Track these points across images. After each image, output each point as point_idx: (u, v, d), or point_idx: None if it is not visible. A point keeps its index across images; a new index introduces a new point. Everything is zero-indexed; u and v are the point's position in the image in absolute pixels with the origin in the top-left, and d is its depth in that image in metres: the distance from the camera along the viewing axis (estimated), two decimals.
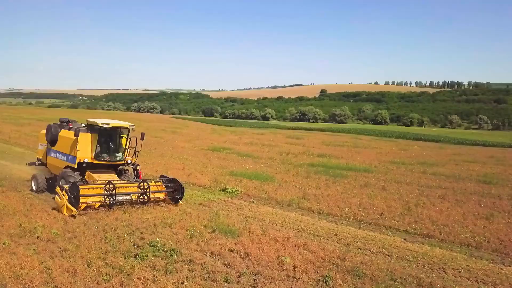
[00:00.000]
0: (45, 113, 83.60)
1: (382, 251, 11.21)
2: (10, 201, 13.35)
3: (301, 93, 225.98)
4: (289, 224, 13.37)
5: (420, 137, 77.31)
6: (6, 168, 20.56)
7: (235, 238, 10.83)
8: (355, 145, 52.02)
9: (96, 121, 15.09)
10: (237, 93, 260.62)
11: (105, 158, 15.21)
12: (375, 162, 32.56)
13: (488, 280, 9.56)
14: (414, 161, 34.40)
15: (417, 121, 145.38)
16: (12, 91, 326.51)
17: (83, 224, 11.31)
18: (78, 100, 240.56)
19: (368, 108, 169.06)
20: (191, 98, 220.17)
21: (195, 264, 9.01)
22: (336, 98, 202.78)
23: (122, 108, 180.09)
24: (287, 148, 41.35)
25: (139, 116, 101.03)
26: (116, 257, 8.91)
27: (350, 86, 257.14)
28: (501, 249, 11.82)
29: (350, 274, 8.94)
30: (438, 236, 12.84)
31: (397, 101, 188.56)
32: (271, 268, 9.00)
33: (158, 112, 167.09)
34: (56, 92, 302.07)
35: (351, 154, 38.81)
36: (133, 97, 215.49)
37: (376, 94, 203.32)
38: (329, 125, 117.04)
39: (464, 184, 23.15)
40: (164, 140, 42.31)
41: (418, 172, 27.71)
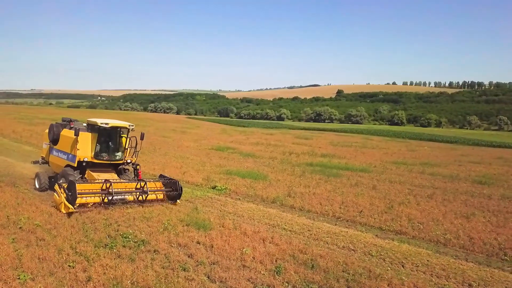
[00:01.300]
0: (61, 113, 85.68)
1: (348, 246, 11.61)
2: (4, 195, 14.17)
3: (317, 93, 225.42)
4: (266, 220, 13.85)
5: (434, 138, 76.50)
6: (11, 165, 21.57)
7: (206, 232, 11.38)
8: (364, 145, 52.00)
9: (96, 120, 15.29)
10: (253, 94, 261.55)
11: (105, 157, 15.40)
12: (377, 162, 32.67)
13: (443, 274, 9.88)
14: (417, 162, 34.35)
15: (434, 122, 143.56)
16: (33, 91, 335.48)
17: (66, 217, 12.01)
18: (97, 101, 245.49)
19: (384, 109, 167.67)
20: (207, 98, 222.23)
21: (159, 254, 9.61)
22: (352, 98, 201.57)
23: (139, 109, 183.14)
24: (292, 148, 41.71)
25: (153, 116, 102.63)
26: (86, 246, 9.56)
27: (367, 87, 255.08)
28: (468, 246, 12.06)
29: (304, 265, 9.39)
30: (410, 233, 13.14)
31: (415, 101, 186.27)
32: (230, 258, 9.53)
33: (175, 113, 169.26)
34: (75, 93, 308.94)
35: (356, 155, 38.94)
36: (150, 98, 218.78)
37: (393, 94, 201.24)
38: (342, 126, 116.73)
39: (458, 184, 23.20)
40: (171, 139, 43.21)
41: (416, 172, 27.78)
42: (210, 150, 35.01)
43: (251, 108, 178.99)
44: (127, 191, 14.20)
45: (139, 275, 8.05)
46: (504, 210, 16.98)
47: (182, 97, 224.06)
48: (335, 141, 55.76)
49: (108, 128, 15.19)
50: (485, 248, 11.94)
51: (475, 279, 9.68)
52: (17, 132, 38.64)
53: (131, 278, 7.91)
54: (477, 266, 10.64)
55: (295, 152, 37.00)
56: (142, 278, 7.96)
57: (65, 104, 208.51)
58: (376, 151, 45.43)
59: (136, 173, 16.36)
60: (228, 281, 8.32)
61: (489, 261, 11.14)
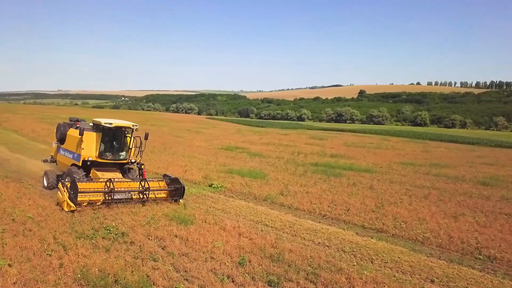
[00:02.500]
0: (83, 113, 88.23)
1: (324, 242, 11.94)
2: (7, 190, 15.05)
3: (339, 93, 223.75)
4: (251, 216, 14.29)
5: (455, 139, 74.92)
6: (22, 162, 22.70)
7: (186, 226, 11.90)
8: (378, 146, 51.66)
9: (100, 120, 15.58)
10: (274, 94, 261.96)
11: (109, 157, 15.61)
12: (385, 163, 32.54)
13: (409, 270, 10.11)
14: (427, 163, 34.01)
15: (459, 122, 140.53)
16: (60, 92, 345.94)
17: (58, 211, 12.76)
18: (121, 101, 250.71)
19: (407, 109, 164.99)
20: (228, 99, 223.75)
21: (134, 245, 10.20)
22: (374, 99, 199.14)
23: (161, 109, 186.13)
24: (303, 148, 41.91)
25: (172, 117, 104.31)
26: (67, 237, 10.24)
27: (390, 87, 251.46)
28: (445, 245, 12.19)
29: (270, 258, 9.80)
30: (391, 231, 13.34)
31: (439, 102, 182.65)
32: (200, 251, 10.03)
33: (196, 113, 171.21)
34: (100, 93, 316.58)
35: (366, 155, 38.79)
36: (172, 98, 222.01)
37: (416, 94, 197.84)
38: (362, 126, 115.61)
39: (460, 185, 23.02)
40: (184, 139, 44.09)
41: (421, 173, 27.63)
42: (219, 150, 35.62)
43: (271, 108, 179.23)
44: (129, 190, 14.32)
45: (108, 264, 8.63)
46: (497, 211, 16.88)
47: (203, 98, 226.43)
48: (350, 142, 55.54)
49: (112, 128, 15.42)
50: (462, 247, 12.05)
51: (440, 275, 9.87)
52: (35, 131, 40.25)
53: (100, 266, 8.49)
54: (447, 264, 10.80)
55: (304, 152, 37.22)
56: (110, 266, 8.53)
57: (90, 104, 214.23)
58: (390, 151, 45.12)
59: (141, 172, 16.65)
60: (191, 271, 8.82)
61: (461, 259, 11.27)
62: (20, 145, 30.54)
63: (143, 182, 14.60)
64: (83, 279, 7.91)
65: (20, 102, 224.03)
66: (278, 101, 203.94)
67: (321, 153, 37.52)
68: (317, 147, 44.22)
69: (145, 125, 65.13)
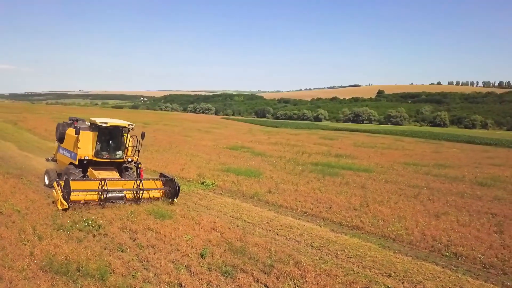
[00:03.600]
0: (100, 113, 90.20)
1: (295, 238, 12.29)
2: (4, 185, 15.87)
3: (357, 93, 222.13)
4: (232, 213, 14.74)
5: (473, 140, 73.60)
6: (28, 159, 23.71)
7: (163, 220, 12.42)
8: (389, 146, 51.32)
9: (96, 120, 15.85)
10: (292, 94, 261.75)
11: (105, 156, 15.79)
12: (388, 163, 32.46)
13: (369, 265, 10.39)
14: (432, 163, 33.73)
15: (480, 123, 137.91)
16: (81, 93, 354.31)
17: (46, 205, 13.44)
18: (139, 101, 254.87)
19: (426, 110, 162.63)
20: (245, 99, 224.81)
21: (107, 237, 10.78)
22: (393, 99, 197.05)
23: (179, 109, 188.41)
24: (310, 148, 42.06)
25: (187, 117, 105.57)
26: (46, 229, 10.88)
27: (409, 87, 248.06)
28: (415, 242, 12.38)
29: (233, 251, 10.22)
30: (366, 228, 13.56)
31: (460, 102, 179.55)
32: (167, 243, 10.54)
33: (213, 113, 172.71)
34: (120, 94, 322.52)
35: (373, 155, 38.65)
36: (190, 98, 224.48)
37: (436, 94, 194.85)
38: (379, 127, 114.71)
39: (456, 185, 22.93)
40: (192, 138, 44.83)
41: (421, 173, 27.54)
42: (223, 149, 36.15)
43: (288, 108, 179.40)
44: (122, 190, 14.46)
45: (76, 253, 9.20)
46: (483, 211, 16.87)
47: (220, 98, 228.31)
48: (360, 142, 55.31)
49: (108, 127, 15.64)
50: (432, 244, 12.22)
51: (399, 270, 10.12)
52: (48, 130, 41.53)
53: (67, 255, 9.06)
54: (411, 260, 11.02)
55: (308, 152, 37.40)
56: (77, 255, 9.10)
57: (109, 104, 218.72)
58: (398, 152, 44.80)
59: (138, 171, 16.83)
60: (152, 261, 9.33)
61: (428, 256, 11.46)
62: (30, 143, 31.75)
63: (137, 182, 14.69)
64: (48, 266, 8.50)
65: (43, 102, 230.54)
66: (295, 101, 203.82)
67: (326, 153, 37.61)
68: (324, 147, 44.29)
69: (158, 124, 66.43)
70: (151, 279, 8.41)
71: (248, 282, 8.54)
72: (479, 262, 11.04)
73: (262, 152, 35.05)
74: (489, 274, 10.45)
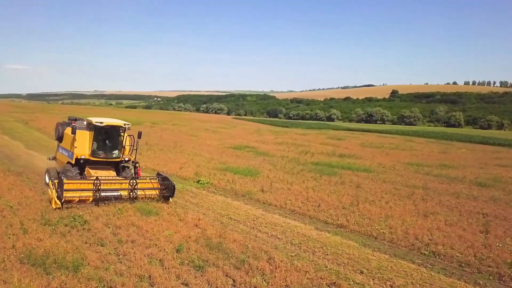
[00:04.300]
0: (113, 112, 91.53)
1: (277, 235, 12.51)
2: (4, 182, 16.44)
3: (371, 93, 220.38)
4: (220, 210, 15.01)
5: (486, 141, 72.55)
6: (32, 157, 24.38)
7: (148, 217, 12.75)
8: (397, 147, 50.97)
9: (91, 119, 16.16)
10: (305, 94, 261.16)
11: (101, 155, 15.96)
12: (391, 163, 32.33)
13: (344, 262, 10.57)
14: (436, 164, 33.46)
15: (496, 124, 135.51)
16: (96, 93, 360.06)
17: (39, 201, 13.90)
18: (153, 101, 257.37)
19: (441, 110, 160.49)
20: (257, 99, 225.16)
21: (90, 232, 11.16)
22: (407, 99, 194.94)
23: (191, 109, 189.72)
24: (315, 148, 42.07)
25: (198, 116, 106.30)
26: (33, 223, 11.31)
27: (424, 87, 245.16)
28: (396, 241, 12.48)
29: (209, 247, 10.50)
30: (350, 227, 13.68)
31: (475, 102, 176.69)
32: (148, 238, 10.86)
33: (225, 113, 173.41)
34: (134, 94, 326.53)
35: (378, 155, 38.45)
36: (203, 99, 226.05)
37: (451, 94, 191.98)
38: (391, 127, 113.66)
39: (454, 186, 22.81)
40: (197, 138, 45.25)
41: (422, 173, 27.42)
42: (227, 149, 36.46)
43: (300, 108, 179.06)
44: (117, 189, 14.54)
45: (55, 247, 9.58)
46: (475, 211, 16.82)
47: (233, 98, 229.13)
48: (368, 142, 55.03)
49: (104, 127, 15.82)
50: (413, 242, 12.30)
51: (372, 268, 10.26)
52: None
53: (47, 248, 9.44)
54: (387, 258, 11.13)
55: (312, 152, 37.44)
56: (56, 248, 9.47)
57: (123, 104, 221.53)
58: (405, 152, 44.47)
59: (135, 171, 17.01)
60: (128, 255, 9.66)
61: (406, 254, 11.56)
62: (38, 142, 32.51)
63: (132, 181, 14.78)
64: (26, 259, 8.89)
65: (59, 102, 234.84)
66: (307, 101, 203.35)
67: (331, 153, 37.58)
68: (330, 147, 44.24)
69: (167, 124, 67.13)
70: (123, 271, 8.72)
71: (216, 276, 8.78)
72: (456, 260, 11.10)
73: (265, 151, 35.25)
74: (464, 272, 10.51)
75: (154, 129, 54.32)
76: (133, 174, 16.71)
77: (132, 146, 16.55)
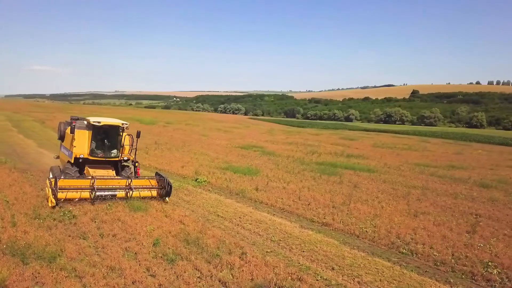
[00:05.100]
0: (131, 112, 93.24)
1: (259, 232, 12.77)
2: (7, 178, 17.19)
3: (390, 93, 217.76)
4: (210, 208, 15.35)
5: (507, 142, 70.91)
6: (41, 155, 25.25)
7: (135, 212, 13.17)
8: (409, 147, 50.45)
9: (89, 119, 16.45)
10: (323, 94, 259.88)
11: (99, 154, 16.11)
12: (399, 163, 32.14)
13: (318, 258, 10.78)
14: (443, 165, 33.09)
15: None
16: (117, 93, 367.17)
17: (35, 197, 14.51)
18: (172, 101, 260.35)
19: (463, 110, 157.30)
20: (275, 99, 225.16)
21: (76, 225, 11.64)
22: (427, 99, 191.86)
23: (209, 109, 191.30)
24: (325, 148, 42.05)
25: (213, 116, 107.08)
26: (23, 217, 11.85)
27: (446, 87, 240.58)
28: (377, 239, 12.57)
29: (186, 241, 10.83)
30: (335, 225, 13.82)
31: (499, 102, 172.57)
32: (129, 233, 11.27)
33: (243, 113, 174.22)
34: (154, 94, 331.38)
35: (387, 156, 38.17)
36: (221, 99, 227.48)
37: (474, 94, 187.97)
38: (408, 127, 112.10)
39: (456, 186, 22.60)
40: (208, 138, 45.80)
41: (427, 173, 27.21)
42: (235, 148, 36.83)
43: (318, 108, 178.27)
44: (113, 188, 14.74)
45: (37, 239, 10.07)
46: (468, 212, 16.71)
47: (251, 98, 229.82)
48: (381, 143, 54.58)
49: (103, 126, 16.08)
50: (393, 241, 12.38)
51: (344, 265, 10.42)
52: None
53: (29, 241, 9.94)
54: (363, 255, 11.25)
55: (320, 152, 37.50)
56: (38, 240, 9.96)
57: (143, 104, 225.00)
58: (417, 153, 44.07)
59: (135, 170, 17.26)
60: (106, 248, 10.08)
61: (384, 252, 11.67)
62: (50, 141, 33.49)
63: (128, 180, 15.01)
64: (8, 250, 9.39)
65: (80, 102, 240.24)
66: (326, 101, 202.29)
67: (339, 153, 37.50)
68: (340, 147, 44.13)
69: (180, 124, 68.06)
70: (96, 263, 9.13)
71: (185, 269, 9.11)
72: (432, 259, 11.15)
73: (272, 151, 35.46)
74: (438, 271, 10.56)
75: (167, 128, 55.22)
76: (132, 173, 17.07)
77: (131, 145, 16.86)
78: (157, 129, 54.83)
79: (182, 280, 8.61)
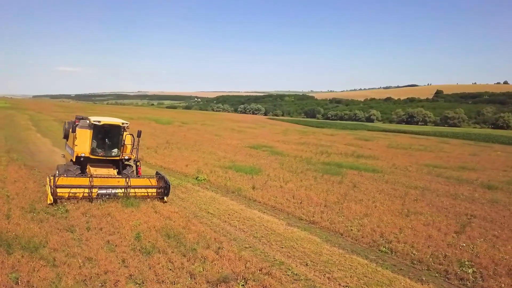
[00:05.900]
0: (152, 112, 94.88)
1: (243, 228, 13.09)
2: (15, 174, 18.02)
3: (413, 94, 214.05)
4: (202, 205, 15.74)
5: None
6: (53, 154, 26.14)
7: (127, 208, 13.65)
8: (425, 148, 49.77)
9: (90, 118, 16.90)
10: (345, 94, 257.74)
11: (100, 153, 16.34)
12: (408, 164, 31.85)
13: (295, 255, 11.03)
14: (455, 166, 32.64)
15: None
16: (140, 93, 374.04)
17: (36, 192, 15.19)
18: (193, 102, 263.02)
19: (488, 111, 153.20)
20: (295, 99, 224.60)
21: (66, 219, 12.20)
22: (452, 99, 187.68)
23: (229, 109, 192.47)
24: (337, 148, 41.97)
25: (231, 117, 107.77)
26: (19, 211, 12.47)
27: (471, 87, 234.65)
28: (360, 237, 12.71)
29: (167, 236, 11.23)
30: (321, 223, 14.00)
31: None
32: (115, 227, 11.74)
33: (263, 114, 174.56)
34: (175, 94, 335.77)
35: (398, 157, 37.80)
36: (241, 99, 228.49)
37: (500, 95, 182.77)
38: (430, 128, 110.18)
39: (459, 187, 22.37)
40: (219, 137, 46.31)
41: (434, 174, 27.00)
42: (244, 148, 37.21)
43: (339, 109, 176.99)
44: (111, 187, 14.91)
45: (24, 230, 10.63)
46: (463, 213, 16.59)
47: (271, 99, 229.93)
48: (396, 143, 54.01)
49: (104, 126, 16.41)
50: (375, 239, 12.50)
51: (319, 261, 10.64)
52: None
53: (18, 232, 10.51)
54: (341, 253, 11.42)
55: (330, 152, 37.52)
56: (24, 232, 10.51)
57: (164, 104, 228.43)
58: (431, 154, 43.51)
59: (136, 169, 17.56)
60: (89, 240, 10.57)
61: (363, 250, 11.82)
62: None
63: (127, 179, 15.14)
64: None
65: (104, 102, 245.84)
66: (347, 101, 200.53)
67: (349, 154, 37.40)
68: (353, 148, 43.96)
69: (196, 124, 68.95)
70: (75, 254, 9.62)
71: (159, 261, 9.50)
72: (409, 258, 11.23)
73: (280, 151, 35.67)
74: (413, 269, 10.65)
75: (182, 128, 56.10)
76: (134, 172, 17.40)
77: (132, 144, 17.16)
78: (171, 129, 55.76)
79: (153, 271, 9.00)
